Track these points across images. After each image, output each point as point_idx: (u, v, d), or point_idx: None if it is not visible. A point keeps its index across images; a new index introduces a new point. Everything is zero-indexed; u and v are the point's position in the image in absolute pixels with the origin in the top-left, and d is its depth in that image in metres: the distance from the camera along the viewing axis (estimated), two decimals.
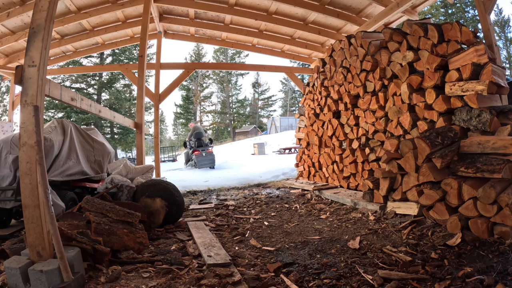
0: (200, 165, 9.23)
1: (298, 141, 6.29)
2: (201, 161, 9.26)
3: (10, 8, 4.92)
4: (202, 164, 9.25)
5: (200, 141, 9.80)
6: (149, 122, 22.16)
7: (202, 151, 9.45)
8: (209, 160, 9.37)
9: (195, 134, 10.05)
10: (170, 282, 1.73)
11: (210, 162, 9.38)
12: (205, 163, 9.31)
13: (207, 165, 9.31)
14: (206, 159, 9.33)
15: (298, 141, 6.25)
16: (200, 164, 9.23)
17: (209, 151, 9.51)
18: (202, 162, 9.26)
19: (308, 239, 2.56)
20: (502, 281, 1.57)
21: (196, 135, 10.00)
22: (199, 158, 9.31)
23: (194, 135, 10.03)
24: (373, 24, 5.14)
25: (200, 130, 10.47)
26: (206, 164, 9.29)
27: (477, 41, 2.74)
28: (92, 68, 15.91)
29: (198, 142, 9.80)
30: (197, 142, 9.79)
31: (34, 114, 1.74)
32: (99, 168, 3.90)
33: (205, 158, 9.31)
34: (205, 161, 9.30)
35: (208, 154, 9.39)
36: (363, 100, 3.94)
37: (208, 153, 9.44)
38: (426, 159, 2.59)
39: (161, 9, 6.27)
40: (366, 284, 1.69)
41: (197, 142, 9.79)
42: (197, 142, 9.79)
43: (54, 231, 1.64)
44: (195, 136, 9.97)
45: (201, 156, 9.33)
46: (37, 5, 1.87)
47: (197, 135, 10.01)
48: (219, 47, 37.36)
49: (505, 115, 2.52)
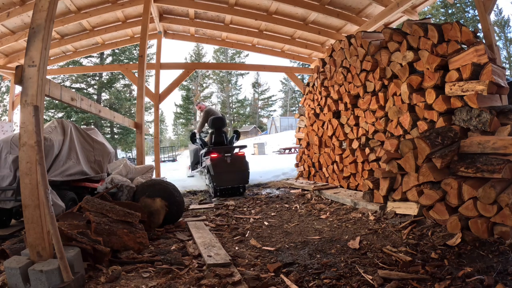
0: (222, 182, 4.84)
1: (298, 141, 6.29)
2: (224, 176, 4.84)
3: (10, 8, 4.92)
4: (225, 180, 4.85)
5: (221, 135, 5.59)
6: (149, 122, 22.16)
7: (227, 154, 4.95)
8: (239, 174, 4.90)
9: (212, 121, 5.61)
10: (170, 282, 1.73)
11: (240, 178, 4.92)
12: (230, 180, 4.87)
13: (234, 183, 4.93)
14: (233, 172, 4.86)
15: (298, 141, 6.25)
16: (221, 180, 4.83)
17: (240, 154, 5.13)
18: (225, 178, 4.84)
19: (308, 239, 2.56)
20: (502, 281, 1.57)
21: (214, 123, 5.59)
22: (219, 168, 4.81)
23: (211, 123, 5.63)
24: (373, 24, 5.14)
25: (219, 114, 6.26)
26: (232, 181, 4.90)
27: (477, 41, 2.74)
28: (92, 68, 15.93)
29: (217, 136, 5.55)
30: (216, 135, 5.56)
31: (34, 114, 1.74)
32: (99, 168, 3.90)
33: (230, 169, 4.86)
34: (230, 175, 4.86)
35: (238, 161, 4.95)
36: (363, 100, 3.94)
37: (238, 158, 5.03)
38: (426, 159, 2.59)
39: (161, 9, 6.27)
40: (366, 284, 1.69)
41: (215, 135, 5.56)
42: (216, 136, 5.55)
43: (54, 231, 1.64)
44: (213, 125, 5.59)
45: (224, 165, 4.84)
46: (37, 5, 1.87)
47: (216, 122, 5.59)
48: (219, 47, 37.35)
49: (505, 115, 2.52)
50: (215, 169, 4.77)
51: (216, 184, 4.82)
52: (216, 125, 5.63)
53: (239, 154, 5.11)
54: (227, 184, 4.88)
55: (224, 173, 4.80)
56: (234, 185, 4.93)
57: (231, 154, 5.02)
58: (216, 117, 5.73)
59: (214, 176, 4.79)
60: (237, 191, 5.08)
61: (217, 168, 4.78)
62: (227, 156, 4.91)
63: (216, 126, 5.63)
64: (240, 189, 5.09)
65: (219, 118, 5.74)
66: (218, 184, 4.83)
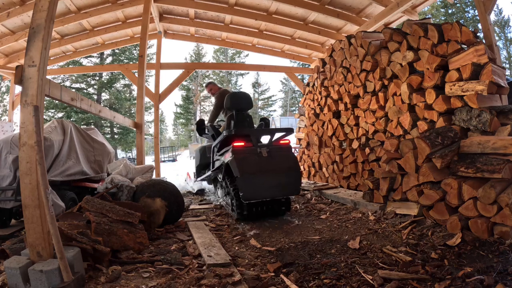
0: (254, 191, 2.91)
1: (298, 141, 6.29)
2: (257, 180, 2.92)
3: (10, 8, 4.92)
4: (260, 189, 2.92)
5: (245, 119, 3.92)
6: (149, 122, 22.17)
7: (261, 144, 3.31)
8: (285, 177, 3.04)
9: (231, 99, 3.88)
10: (170, 282, 1.73)
11: (286, 185, 3.05)
12: (268, 188, 2.96)
13: (277, 193, 3.04)
14: (274, 174, 2.99)
15: (298, 141, 6.25)
16: (252, 188, 2.90)
17: (283, 143, 3.31)
18: (260, 184, 2.92)
19: (308, 239, 2.56)
20: (502, 281, 1.57)
21: (234, 101, 3.88)
22: (248, 166, 2.94)
23: (229, 101, 3.88)
24: (373, 24, 5.14)
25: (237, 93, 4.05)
26: (273, 190, 2.99)
27: (477, 41, 2.74)
28: (92, 68, 15.93)
29: (240, 120, 3.86)
30: (238, 119, 3.86)
31: (34, 114, 1.74)
32: (99, 168, 3.90)
33: (268, 167, 3.00)
34: (269, 179, 2.96)
35: (282, 155, 3.14)
36: (363, 100, 3.94)
37: (282, 149, 3.20)
38: (426, 159, 2.59)
39: (161, 9, 6.28)
40: (366, 284, 1.69)
41: (237, 120, 3.85)
42: (238, 120, 3.86)
43: (54, 231, 1.64)
44: (232, 104, 3.87)
45: (256, 161, 3.00)
46: (37, 5, 1.87)
47: (237, 101, 3.89)
48: (219, 47, 37.32)
49: (505, 115, 2.52)
50: (242, 167, 2.84)
51: (244, 195, 2.82)
52: (237, 104, 3.76)
53: (282, 143, 3.20)
54: (263, 195, 2.90)
55: (257, 174, 2.85)
56: (275, 196, 2.96)
57: (269, 143, 3.18)
58: (236, 93, 3.93)
59: (239, 181, 2.83)
60: (278, 209, 3.17)
61: (245, 166, 2.85)
62: (262, 146, 3.05)
63: (237, 106, 3.76)
64: (283, 206, 3.18)
65: (242, 95, 3.92)
66: (248, 195, 2.83)
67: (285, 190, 3.05)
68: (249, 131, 3.33)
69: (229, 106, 3.88)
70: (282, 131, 3.34)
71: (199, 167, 4.84)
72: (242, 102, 3.90)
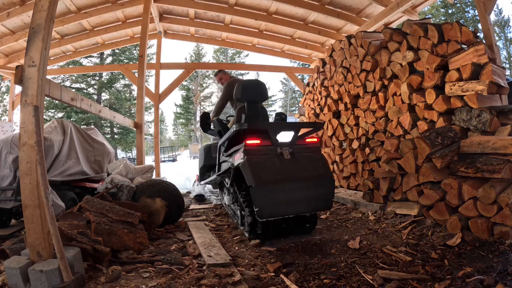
0: (273, 205, 2.19)
1: None
2: (277, 190, 2.19)
3: (10, 8, 4.92)
4: (281, 202, 2.21)
5: (259, 113, 3.15)
6: (149, 122, 22.16)
7: (283, 142, 2.41)
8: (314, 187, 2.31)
9: (242, 89, 3.08)
10: (170, 282, 1.73)
11: (315, 197, 2.33)
12: (292, 201, 2.24)
13: (302, 208, 2.31)
14: (299, 182, 2.27)
15: None
16: (271, 201, 2.17)
17: (310, 142, 2.52)
18: (281, 195, 2.20)
19: (308, 239, 2.55)
20: (502, 281, 1.57)
21: (245, 91, 3.09)
22: (265, 172, 2.22)
23: (240, 91, 3.08)
24: (373, 24, 5.14)
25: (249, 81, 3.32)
26: (298, 204, 2.28)
27: (477, 41, 2.74)
28: (92, 68, 15.91)
29: (253, 113, 3.10)
30: (251, 111, 3.10)
31: (34, 114, 1.74)
32: (99, 168, 3.90)
33: (292, 174, 2.28)
34: (293, 190, 2.25)
35: (310, 158, 2.42)
36: (363, 100, 3.94)
37: (309, 149, 2.47)
38: (426, 159, 2.59)
39: (161, 9, 6.28)
40: (366, 284, 1.69)
41: (249, 112, 3.09)
42: (251, 113, 3.09)
43: (54, 231, 1.64)
44: (243, 94, 3.08)
45: (276, 164, 2.29)
46: (37, 5, 1.87)
47: (248, 91, 3.11)
48: (219, 47, 37.26)
49: (505, 115, 2.52)
50: (257, 173, 2.19)
51: (260, 210, 2.17)
52: (249, 94, 3.10)
53: (309, 142, 2.51)
54: (285, 211, 2.26)
55: (278, 183, 2.21)
56: (301, 212, 2.34)
57: (292, 141, 2.45)
58: (248, 81, 3.30)
59: (254, 192, 2.16)
60: (301, 226, 2.59)
61: (261, 172, 2.21)
62: (284, 146, 2.38)
63: (250, 97, 3.10)
64: (308, 222, 2.59)
65: (255, 83, 3.24)
66: (265, 211, 2.18)
67: (314, 204, 2.34)
68: (267, 125, 2.55)
69: (240, 97, 3.12)
70: (308, 126, 2.73)
71: (203, 169, 4.11)
72: (256, 92, 3.15)
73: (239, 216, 2.78)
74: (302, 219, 2.59)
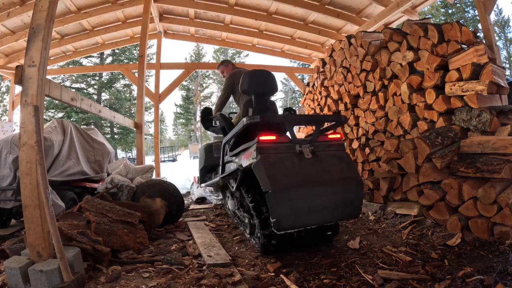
0: (293, 215, 1.85)
1: None
2: (297, 197, 1.86)
3: (10, 8, 4.92)
4: (302, 211, 1.87)
5: (267, 106, 2.88)
6: (149, 122, 22.15)
7: (302, 139, 2.09)
8: (339, 192, 1.99)
9: (248, 79, 2.77)
10: (170, 282, 1.73)
11: (341, 204, 2.00)
12: (314, 210, 1.91)
13: (327, 217, 1.99)
14: (323, 186, 1.95)
15: None
16: (290, 211, 1.84)
17: (335, 138, 2.16)
18: (302, 203, 1.87)
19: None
20: (502, 281, 1.57)
21: (252, 82, 2.77)
22: (283, 175, 1.89)
23: (246, 82, 2.77)
24: (373, 24, 5.14)
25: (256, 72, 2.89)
26: (322, 213, 1.95)
27: (477, 41, 2.74)
28: (92, 68, 15.90)
29: (259, 106, 2.80)
30: (258, 104, 2.81)
31: (34, 114, 1.74)
32: (99, 168, 3.90)
33: (314, 177, 1.95)
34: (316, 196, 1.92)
35: (334, 157, 2.09)
36: (363, 100, 3.94)
37: (332, 147, 2.14)
38: (426, 159, 2.59)
39: (161, 9, 6.28)
40: (366, 284, 1.69)
41: (257, 104, 2.80)
42: (258, 105, 2.80)
43: (54, 231, 1.64)
44: (250, 86, 2.77)
45: (295, 165, 1.96)
46: (37, 5, 1.87)
47: (255, 82, 2.78)
48: (219, 47, 37.26)
49: (505, 115, 2.52)
50: (275, 176, 1.89)
51: (278, 222, 1.86)
52: (257, 86, 2.80)
53: (332, 139, 2.18)
54: (307, 221, 1.94)
55: (299, 188, 1.90)
56: (326, 221, 2.03)
57: (313, 137, 2.12)
58: (255, 71, 2.89)
59: (272, 199, 1.84)
60: (321, 235, 2.33)
61: (279, 175, 1.91)
62: (304, 143, 2.07)
63: (257, 89, 2.80)
64: (329, 230, 2.31)
65: (263, 74, 2.88)
66: (284, 221, 1.87)
67: (341, 211, 2.03)
68: (284, 118, 2.18)
69: (246, 89, 2.78)
70: (329, 119, 2.36)
71: (204, 170, 3.75)
72: (264, 83, 2.81)
73: (247, 225, 2.44)
74: (323, 226, 2.24)
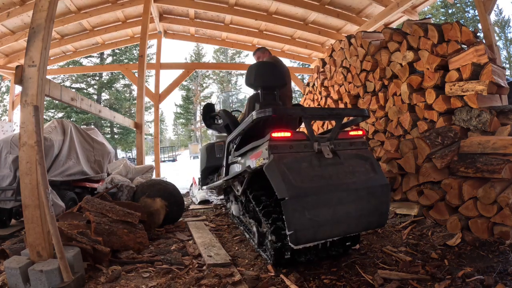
0: (313, 226, 1.58)
1: None
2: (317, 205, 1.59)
3: (10, 8, 4.92)
4: (323, 221, 1.60)
5: (271, 94, 2.48)
6: (149, 122, 22.14)
7: (319, 139, 1.78)
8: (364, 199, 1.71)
9: (255, 72, 2.43)
10: (170, 282, 1.73)
11: (366, 213, 1.72)
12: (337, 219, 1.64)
13: (351, 227, 1.71)
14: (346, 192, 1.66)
15: None
16: (309, 221, 1.56)
17: (356, 135, 1.92)
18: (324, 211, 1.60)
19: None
20: (502, 281, 1.57)
21: (257, 76, 2.42)
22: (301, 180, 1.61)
23: (253, 75, 2.42)
24: (373, 24, 5.14)
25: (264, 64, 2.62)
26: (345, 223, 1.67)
27: (477, 41, 2.74)
28: (92, 68, 15.91)
29: (267, 101, 2.41)
30: (266, 99, 2.43)
31: (34, 114, 1.74)
32: (99, 168, 3.90)
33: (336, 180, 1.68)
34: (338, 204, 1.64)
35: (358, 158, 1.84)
36: (363, 100, 3.94)
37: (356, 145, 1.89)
38: (426, 159, 2.59)
39: (161, 9, 6.28)
40: (366, 284, 1.69)
41: (265, 99, 2.43)
42: (266, 100, 2.42)
43: (54, 231, 1.64)
44: (256, 79, 2.43)
45: (314, 167, 1.69)
46: (37, 5, 1.87)
47: (261, 75, 2.44)
48: (219, 47, 37.25)
49: (505, 115, 2.52)
50: (291, 180, 1.62)
51: (296, 234, 1.58)
52: (265, 78, 2.48)
53: (353, 136, 1.95)
54: (329, 232, 1.68)
55: (320, 194, 1.64)
56: (350, 231, 1.76)
57: (333, 134, 1.85)
58: (263, 63, 2.69)
59: (288, 207, 1.56)
60: (340, 246, 2.06)
61: (297, 178, 1.65)
62: (322, 141, 1.83)
63: (265, 82, 2.48)
64: (348, 240, 2.04)
65: (271, 66, 2.57)
66: (302, 234, 1.60)
67: (366, 220, 1.76)
68: (301, 111, 1.86)
69: (253, 82, 2.47)
70: (352, 113, 2.04)
71: (205, 171, 3.55)
72: (273, 75, 2.48)
73: (255, 234, 2.16)
74: (343, 240, 2.00)
